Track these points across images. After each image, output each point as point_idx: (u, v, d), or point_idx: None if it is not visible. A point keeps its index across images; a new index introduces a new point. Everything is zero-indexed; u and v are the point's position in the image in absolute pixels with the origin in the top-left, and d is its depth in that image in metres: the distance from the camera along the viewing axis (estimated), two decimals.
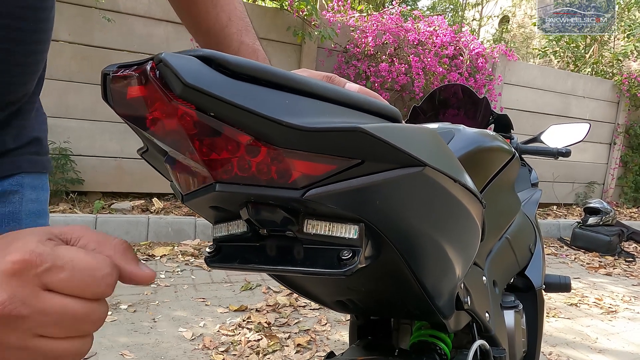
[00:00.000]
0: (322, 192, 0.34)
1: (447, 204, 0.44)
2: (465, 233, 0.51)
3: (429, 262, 0.48)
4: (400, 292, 0.60)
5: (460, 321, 0.79)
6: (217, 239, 0.45)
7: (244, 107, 0.29)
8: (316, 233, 0.38)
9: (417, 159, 0.36)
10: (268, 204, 0.37)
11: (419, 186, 0.39)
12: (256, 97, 0.30)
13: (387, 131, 0.34)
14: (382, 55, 3.91)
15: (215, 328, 1.96)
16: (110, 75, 0.30)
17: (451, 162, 0.44)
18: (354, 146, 0.33)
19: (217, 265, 0.43)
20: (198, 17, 0.62)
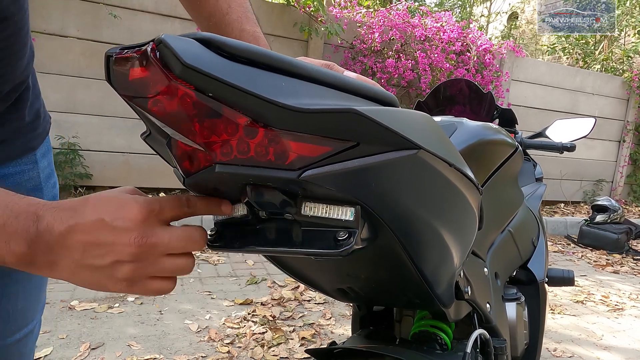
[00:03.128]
0: (317, 173, 0.35)
1: (443, 188, 0.44)
2: (462, 218, 0.51)
3: (426, 247, 0.49)
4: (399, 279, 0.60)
5: (461, 311, 0.79)
6: (218, 222, 0.46)
7: (241, 88, 0.30)
8: (314, 215, 0.39)
9: (412, 142, 0.37)
10: (267, 187, 0.38)
11: (414, 169, 0.39)
12: (253, 79, 0.31)
13: (381, 113, 0.35)
14: (389, 51, 3.90)
15: (221, 321, 1.98)
16: (113, 57, 0.31)
17: (447, 147, 0.44)
18: (349, 128, 0.34)
19: (217, 246, 0.44)
20: (199, 4, 0.63)
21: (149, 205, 0.38)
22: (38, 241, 0.35)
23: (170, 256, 0.38)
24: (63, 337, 1.73)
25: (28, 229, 0.35)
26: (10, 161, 0.59)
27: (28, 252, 0.35)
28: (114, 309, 1.98)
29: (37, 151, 0.64)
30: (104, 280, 0.37)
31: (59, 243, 0.36)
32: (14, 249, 0.35)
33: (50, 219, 0.36)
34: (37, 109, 0.63)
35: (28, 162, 0.62)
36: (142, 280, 0.38)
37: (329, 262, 0.58)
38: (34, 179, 0.63)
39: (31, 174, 0.63)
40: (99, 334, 1.77)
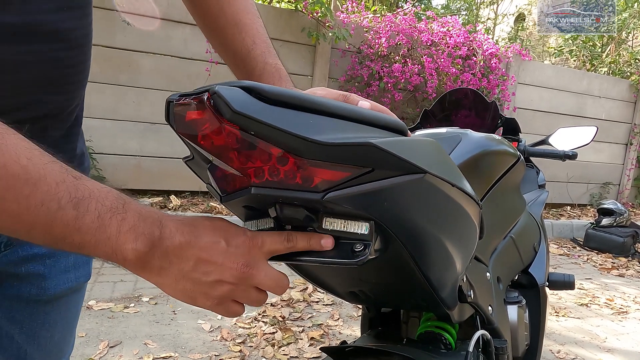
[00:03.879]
0: (339, 194, 0.41)
1: (447, 205, 0.50)
2: (463, 231, 0.57)
3: (431, 256, 0.55)
4: (407, 283, 0.66)
5: (464, 313, 0.85)
6: None
7: (278, 128, 0.36)
8: (333, 229, 0.46)
9: (418, 167, 0.43)
10: (293, 204, 0.44)
11: (421, 190, 0.45)
12: (287, 119, 0.37)
13: (393, 144, 0.41)
14: (396, 56, 3.95)
15: (232, 321, 2.05)
16: (173, 102, 0.38)
17: (450, 169, 0.50)
18: (366, 157, 0.40)
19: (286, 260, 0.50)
20: (226, 42, 0.69)
21: (254, 238, 0.44)
22: (159, 245, 0.39)
23: (256, 288, 0.44)
24: (82, 335, 1.80)
25: (153, 232, 0.39)
26: None
27: (148, 253, 0.39)
28: (129, 309, 2.05)
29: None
30: (199, 295, 0.42)
31: (175, 252, 0.40)
32: (139, 247, 0.38)
33: (173, 228, 0.40)
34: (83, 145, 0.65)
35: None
36: (228, 302, 0.43)
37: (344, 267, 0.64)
38: None
39: None
40: (116, 333, 1.85)
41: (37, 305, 0.63)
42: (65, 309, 0.66)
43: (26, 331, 0.63)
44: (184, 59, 3.65)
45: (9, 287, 0.62)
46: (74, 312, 0.69)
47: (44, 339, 0.65)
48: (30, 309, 0.63)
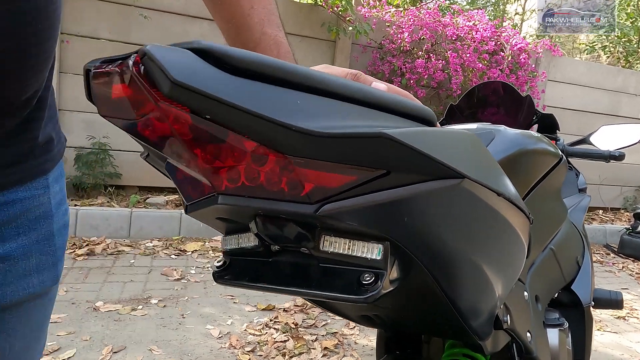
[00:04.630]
0: (339, 207, 0.29)
1: (488, 219, 0.38)
2: (507, 251, 0.45)
3: (464, 283, 0.42)
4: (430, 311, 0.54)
5: (499, 342, 0.72)
6: (227, 251, 0.41)
7: (245, 109, 0.24)
8: (334, 252, 0.34)
9: (454, 170, 0.30)
10: (279, 218, 0.32)
11: (456, 201, 0.33)
12: (260, 97, 0.25)
13: (417, 137, 0.29)
14: (419, 51, 3.79)
15: (243, 327, 1.95)
16: (91, 71, 0.27)
17: (494, 173, 0.38)
18: (378, 155, 0.28)
19: (224, 281, 0.39)
20: (220, 5, 0.58)
21: None
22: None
23: None
24: (87, 339, 1.73)
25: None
26: (21, 185, 0.54)
27: None
28: (137, 311, 1.98)
29: (49, 175, 0.58)
30: None
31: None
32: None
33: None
34: (51, 130, 0.59)
35: (39, 186, 0.57)
36: None
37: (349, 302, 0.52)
38: (45, 204, 0.58)
39: (42, 199, 0.57)
40: (121, 337, 1.77)
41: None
42: (27, 317, 0.59)
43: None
44: None
45: None
46: (40, 319, 0.62)
47: (2, 349, 0.58)
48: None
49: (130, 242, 2.79)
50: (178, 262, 2.60)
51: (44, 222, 0.59)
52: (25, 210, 0.56)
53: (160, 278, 2.35)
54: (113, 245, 2.70)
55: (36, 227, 0.58)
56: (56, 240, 0.60)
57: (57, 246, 0.61)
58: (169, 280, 2.34)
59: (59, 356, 1.60)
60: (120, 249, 2.67)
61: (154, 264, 2.52)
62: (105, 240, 2.76)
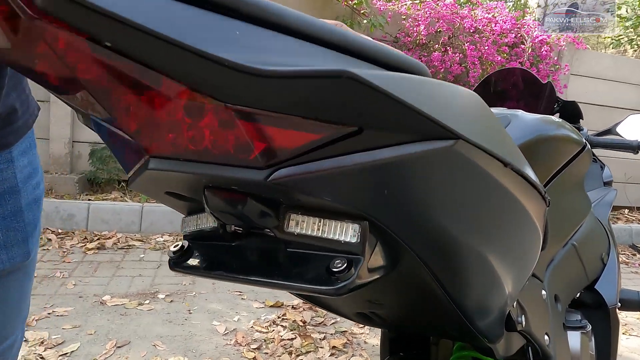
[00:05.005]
0: (296, 173, 0.23)
1: (492, 197, 0.31)
2: (518, 238, 0.38)
3: (466, 276, 0.36)
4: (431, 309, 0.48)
5: (512, 345, 0.65)
6: (187, 235, 0.36)
7: (159, 34, 0.19)
8: (301, 233, 0.28)
9: (446, 128, 0.24)
10: (233, 191, 0.27)
11: (449, 170, 0.27)
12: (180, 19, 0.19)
13: (395, 82, 0.23)
14: (435, 44, 3.69)
15: (249, 324, 1.91)
16: None
17: (501, 139, 0.31)
18: (344, 105, 0.22)
19: (180, 268, 0.33)
20: None
21: None
22: None
23: None
24: (91, 332, 1.72)
25: None
26: None
27: None
28: (144, 306, 1.96)
29: (13, 149, 0.56)
30: None
31: None
32: None
33: None
34: (14, 100, 0.56)
35: (1, 160, 0.55)
36: None
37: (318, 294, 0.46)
38: (9, 179, 0.56)
39: (5, 174, 0.55)
40: (126, 332, 1.75)
41: None
42: (4, 292, 0.59)
43: None
44: None
45: None
46: (17, 295, 0.62)
47: None
48: None
49: (140, 237, 2.78)
50: None
51: (10, 197, 0.56)
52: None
53: (169, 273, 2.33)
54: (124, 240, 2.69)
55: (2, 202, 0.55)
56: (25, 216, 0.58)
57: (27, 222, 0.59)
58: (178, 275, 2.32)
59: (62, 349, 1.58)
60: (130, 244, 2.66)
61: (163, 259, 2.50)
62: (116, 234, 2.76)
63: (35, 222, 0.61)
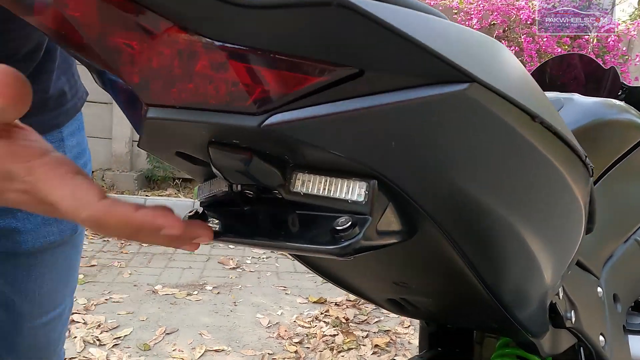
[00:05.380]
0: (291, 119, 0.22)
1: (519, 156, 0.28)
2: (556, 210, 0.34)
3: (497, 253, 0.33)
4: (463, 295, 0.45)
5: (560, 343, 0.59)
6: (202, 202, 0.35)
7: None
8: (308, 193, 0.26)
9: (457, 67, 0.22)
10: (235, 147, 0.26)
11: (463, 119, 0.24)
12: None
13: (396, 14, 0.21)
14: None
15: (292, 318, 1.92)
16: None
17: (528, 90, 0.28)
18: (340, 41, 0.21)
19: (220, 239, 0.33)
20: None
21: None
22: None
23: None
24: (143, 319, 1.80)
25: None
26: None
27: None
28: (192, 296, 2.03)
29: (63, 129, 0.60)
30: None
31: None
32: None
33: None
34: (64, 84, 0.59)
35: (53, 139, 0.59)
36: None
37: (363, 263, 0.44)
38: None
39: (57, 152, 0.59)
40: (175, 320, 1.82)
41: (18, 258, 0.62)
42: (53, 262, 0.64)
43: (11, 282, 0.63)
44: None
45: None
46: (65, 266, 0.67)
47: (31, 290, 0.64)
48: (12, 261, 0.62)
49: None
50: (235, 252, 2.64)
51: None
52: None
53: (216, 266, 2.40)
54: None
55: None
56: None
57: None
58: (225, 268, 2.38)
59: (116, 333, 1.68)
60: None
61: (212, 253, 2.58)
62: None
63: None
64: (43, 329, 0.67)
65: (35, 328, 0.66)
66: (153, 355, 1.59)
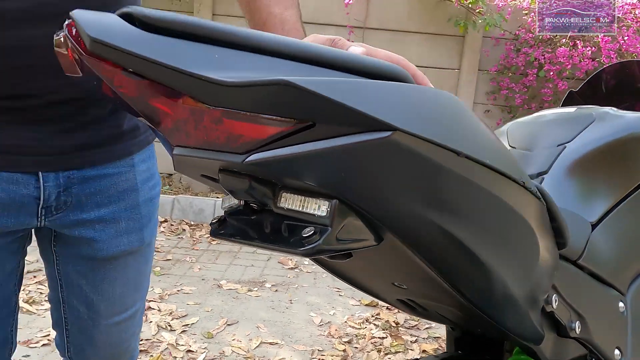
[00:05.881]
0: (265, 157, 0.31)
1: (451, 185, 0.35)
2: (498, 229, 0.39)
3: (448, 261, 0.39)
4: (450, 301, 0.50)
5: (565, 352, 0.63)
6: (225, 210, 0.46)
7: (156, 61, 0.28)
8: (290, 208, 0.35)
9: (378, 120, 0.29)
10: (239, 173, 0.35)
11: (393, 157, 0.32)
12: (176, 52, 0.29)
13: (334, 85, 0.29)
14: (562, 39, 3.35)
15: (344, 318, 2.00)
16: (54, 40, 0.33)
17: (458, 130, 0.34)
18: (294, 104, 0.29)
19: (215, 234, 0.43)
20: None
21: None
22: None
23: None
24: (208, 310, 1.99)
25: None
26: (109, 163, 0.68)
27: None
28: (252, 292, 2.19)
29: (135, 156, 0.71)
30: None
31: None
32: None
33: None
34: (137, 121, 0.70)
35: (125, 165, 0.70)
36: None
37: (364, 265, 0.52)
38: (130, 180, 0.71)
39: (128, 175, 0.71)
40: (236, 313, 1.98)
41: (96, 263, 0.72)
42: (124, 268, 0.74)
43: (90, 283, 0.73)
44: None
45: (69, 246, 0.71)
46: (135, 273, 0.77)
47: (106, 291, 0.74)
48: (90, 264, 0.72)
49: None
50: None
51: (130, 194, 0.72)
52: (114, 183, 0.70)
53: (276, 265, 2.55)
54: None
55: (124, 197, 0.71)
56: (141, 210, 0.73)
57: (142, 214, 0.74)
58: (284, 268, 2.53)
59: (185, 321, 1.88)
60: None
61: (273, 253, 2.74)
62: None
63: (150, 216, 0.76)
64: (116, 328, 0.77)
65: (109, 326, 0.76)
66: (215, 342, 1.76)
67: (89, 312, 0.75)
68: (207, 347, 1.72)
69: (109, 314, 0.76)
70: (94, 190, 0.67)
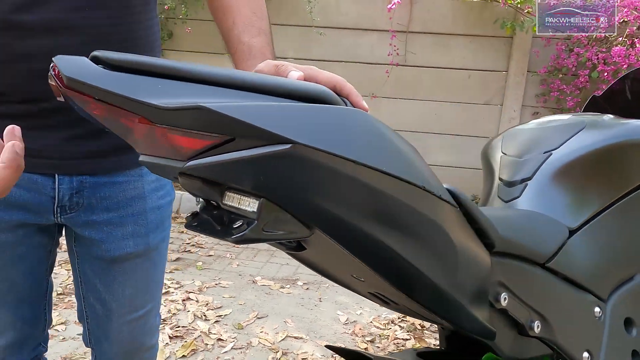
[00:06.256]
0: (200, 164, 0.39)
1: (353, 190, 0.41)
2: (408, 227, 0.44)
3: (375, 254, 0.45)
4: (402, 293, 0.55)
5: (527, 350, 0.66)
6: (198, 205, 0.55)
7: (113, 92, 0.37)
8: (231, 205, 0.44)
9: (279, 136, 0.36)
10: (192, 176, 0.44)
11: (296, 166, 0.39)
12: (129, 84, 0.38)
13: (241, 108, 0.37)
14: (618, 37, 3.16)
15: (369, 319, 2.04)
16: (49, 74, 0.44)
17: (359, 142, 0.40)
18: (216, 123, 0.37)
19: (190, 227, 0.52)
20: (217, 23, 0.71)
21: None
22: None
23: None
24: (242, 303, 2.12)
25: None
26: (119, 171, 0.76)
27: None
28: (284, 289, 2.29)
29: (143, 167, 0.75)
30: None
31: None
32: None
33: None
34: None
35: (134, 174, 0.77)
36: None
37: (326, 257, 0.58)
38: (138, 188, 0.78)
39: (136, 184, 0.77)
40: (266, 307, 2.10)
41: (106, 263, 0.79)
42: (132, 270, 0.81)
43: (103, 282, 0.80)
44: (369, 64, 3.80)
45: (85, 246, 0.80)
46: (143, 276, 0.83)
47: (116, 292, 0.80)
48: (102, 264, 0.79)
49: None
50: None
51: (138, 201, 0.78)
52: (122, 190, 0.77)
53: None
54: None
55: (131, 204, 0.78)
56: (148, 216, 0.79)
57: (149, 221, 0.80)
58: None
59: (219, 312, 2.01)
60: None
61: None
62: None
63: (158, 223, 0.81)
64: (127, 326, 0.83)
65: (121, 324, 0.82)
66: (244, 333, 1.88)
67: (103, 310, 0.81)
68: (236, 337, 1.84)
69: (120, 313, 0.81)
70: (104, 195, 0.75)
